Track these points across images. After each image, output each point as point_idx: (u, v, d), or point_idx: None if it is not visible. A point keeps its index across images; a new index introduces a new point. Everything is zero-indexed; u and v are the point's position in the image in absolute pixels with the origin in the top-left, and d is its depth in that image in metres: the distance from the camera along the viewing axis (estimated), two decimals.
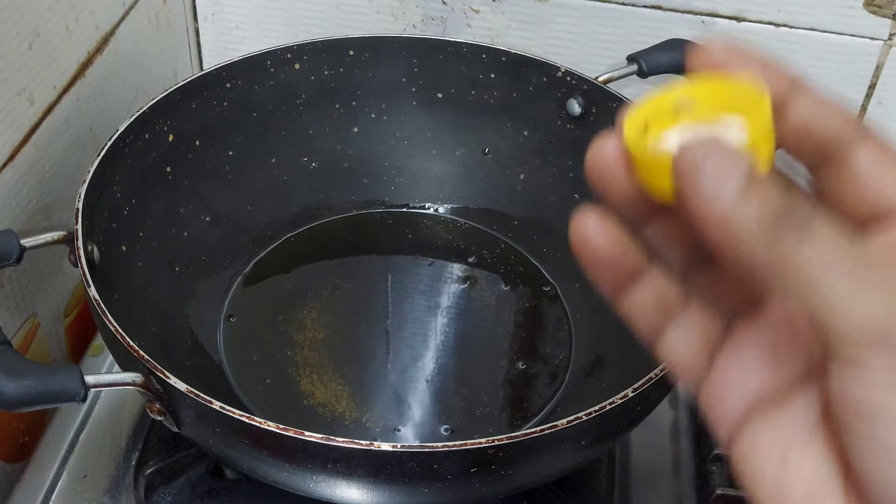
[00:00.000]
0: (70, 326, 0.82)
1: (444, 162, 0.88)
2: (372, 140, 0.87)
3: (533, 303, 0.81)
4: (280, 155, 0.84)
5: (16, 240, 0.61)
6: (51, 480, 0.72)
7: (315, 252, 0.84)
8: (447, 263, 0.84)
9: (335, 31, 0.90)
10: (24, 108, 0.70)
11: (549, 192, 0.84)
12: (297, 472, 0.56)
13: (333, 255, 0.84)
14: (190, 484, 0.70)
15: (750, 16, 0.84)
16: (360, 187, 0.88)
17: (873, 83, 0.86)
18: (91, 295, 0.59)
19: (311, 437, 0.52)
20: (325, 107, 0.84)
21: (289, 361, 0.75)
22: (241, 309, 0.79)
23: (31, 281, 0.75)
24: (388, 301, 0.80)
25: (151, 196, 0.74)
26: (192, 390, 0.54)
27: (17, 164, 0.70)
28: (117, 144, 0.69)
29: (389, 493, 0.57)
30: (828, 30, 0.84)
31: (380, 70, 0.84)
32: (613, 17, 0.86)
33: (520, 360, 0.77)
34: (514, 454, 0.54)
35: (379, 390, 0.73)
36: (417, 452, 0.53)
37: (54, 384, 0.52)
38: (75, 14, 0.75)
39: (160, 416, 0.57)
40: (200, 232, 0.79)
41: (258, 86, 0.81)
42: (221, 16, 0.93)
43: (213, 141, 0.79)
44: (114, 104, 0.82)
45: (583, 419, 0.54)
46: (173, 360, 0.70)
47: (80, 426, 0.76)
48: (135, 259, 0.72)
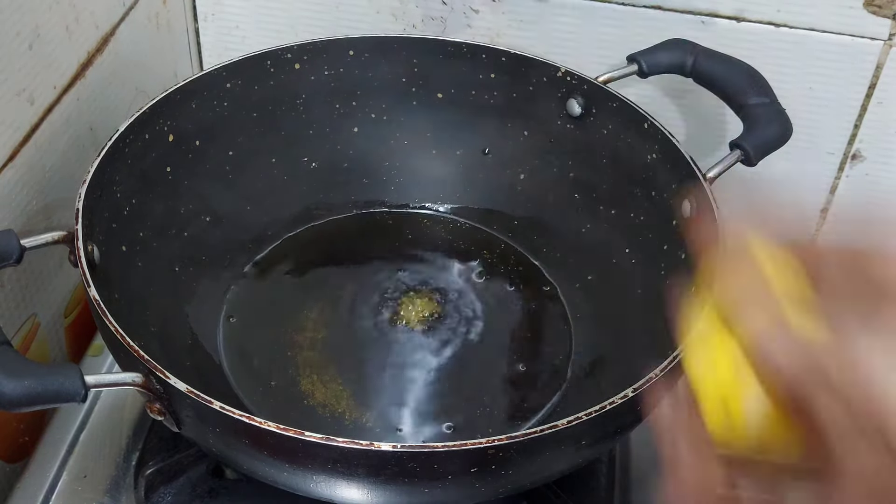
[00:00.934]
0: (70, 326, 0.82)
1: (444, 162, 0.88)
2: (372, 140, 0.87)
3: (533, 303, 0.81)
4: (280, 155, 0.84)
5: (16, 240, 0.61)
6: (51, 480, 0.72)
7: (315, 252, 0.84)
8: (447, 263, 0.84)
9: (335, 31, 0.89)
10: (24, 108, 0.70)
11: (549, 192, 0.84)
12: (298, 473, 0.56)
13: (333, 255, 0.84)
14: (190, 484, 0.70)
15: (750, 16, 0.84)
16: (360, 187, 0.88)
17: (873, 83, 0.86)
18: (91, 295, 0.59)
19: (311, 437, 0.52)
20: (326, 107, 0.84)
21: (289, 361, 0.75)
22: (241, 309, 0.79)
23: (31, 281, 0.75)
24: (388, 301, 0.80)
25: (151, 196, 0.74)
26: (192, 390, 0.54)
27: (17, 164, 0.70)
28: (117, 144, 0.69)
29: (389, 493, 0.57)
30: (828, 30, 0.83)
31: (380, 70, 0.84)
32: (613, 17, 0.86)
33: (520, 360, 0.77)
34: (514, 454, 0.54)
35: (379, 390, 0.73)
36: (417, 452, 0.53)
37: (54, 384, 0.52)
38: (75, 14, 0.75)
39: (160, 417, 0.57)
40: (200, 232, 0.79)
41: (258, 86, 0.80)
42: (221, 16, 0.93)
43: (213, 141, 0.79)
44: (114, 104, 0.82)
45: (583, 419, 0.55)
46: (173, 360, 0.70)
47: (80, 426, 0.76)
48: (135, 259, 0.72)
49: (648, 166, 0.76)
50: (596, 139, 0.80)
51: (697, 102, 0.89)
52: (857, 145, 0.90)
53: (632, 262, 0.78)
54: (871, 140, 0.89)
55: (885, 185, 0.92)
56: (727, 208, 0.68)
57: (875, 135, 0.89)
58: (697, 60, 0.78)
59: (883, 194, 0.93)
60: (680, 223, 0.73)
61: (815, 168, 0.92)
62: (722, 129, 0.90)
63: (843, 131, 0.89)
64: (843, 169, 0.92)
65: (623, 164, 0.78)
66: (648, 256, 0.77)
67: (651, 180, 0.76)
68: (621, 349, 0.76)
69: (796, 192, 0.94)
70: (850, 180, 0.93)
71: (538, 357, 0.77)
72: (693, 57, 0.78)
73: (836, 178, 0.93)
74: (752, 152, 0.73)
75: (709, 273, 0.34)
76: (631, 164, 0.78)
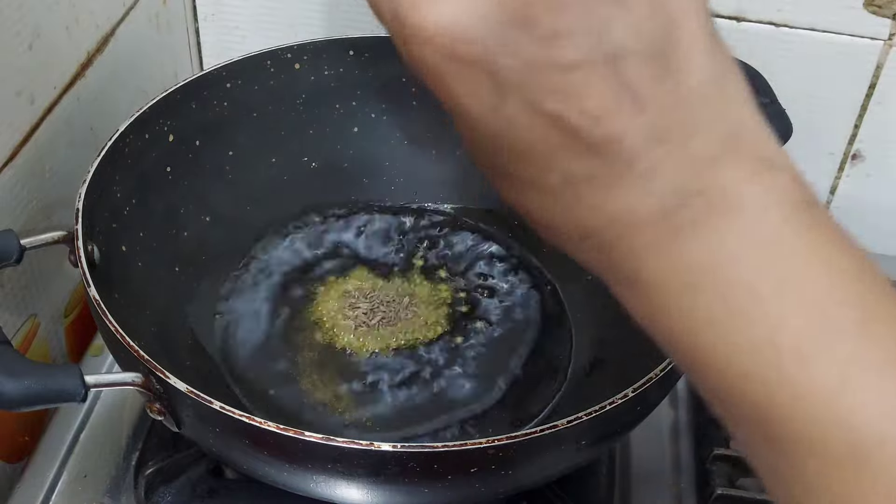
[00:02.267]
0: (70, 326, 0.82)
1: (444, 162, 0.88)
2: (372, 140, 0.86)
3: (533, 303, 0.81)
4: (280, 155, 0.84)
5: (16, 240, 0.61)
6: (51, 480, 0.72)
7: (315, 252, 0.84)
8: (447, 264, 0.84)
9: (335, 30, 0.89)
10: (24, 108, 0.70)
11: None
12: (297, 473, 0.56)
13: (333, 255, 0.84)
14: (190, 484, 0.70)
15: (750, 16, 0.84)
16: (361, 187, 0.88)
17: (873, 83, 0.86)
18: (91, 295, 0.59)
19: (311, 437, 0.52)
20: (326, 107, 0.84)
21: (289, 361, 0.75)
22: (241, 309, 0.79)
23: (31, 281, 0.75)
24: (388, 301, 0.80)
25: (151, 196, 0.74)
26: (192, 390, 0.54)
27: (17, 165, 0.70)
28: (117, 144, 0.69)
29: (389, 494, 0.57)
30: (828, 30, 0.84)
31: (380, 70, 0.84)
32: None
33: (520, 361, 0.76)
34: (514, 454, 0.54)
35: (379, 390, 0.73)
36: (417, 452, 0.53)
37: (54, 384, 0.52)
38: (75, 14, 0.75)
39: (160, 416, 0.57)
40: (200, 232, 0.79)
41: (258, 86, 0.80)
42: (221, 16, 0.93)
43: (213, 141, 0.79)
44: (114, 104, 0.82)
45: (583, 419, 0.54)
46: (173, 360, 0.70)
47: (80, 426, 0.76)
48: (135, 259, 0.72)
49: None
50: None
51: None
52: (857, 145, 0.90)
53: None
54: (871, 140, 0.89)
55: (885, 185, 0.92)
56: None
57: (875, 135, 0.89)
58: None
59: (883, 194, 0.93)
60: None
61: (815, 168, 0.92)
62: None
63: (843, 131, 0.89)
64: (843, 169, 0.92)
65: None
66: None
67: None
68: (621, 349, 0.75)
69: None
70: (850, 180, 0.93)
71: (538, 357, 0.77)
72: None
73: (836, 178, 0.93)
74: None
75: None
76: None
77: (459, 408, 0.72)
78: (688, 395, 0.81)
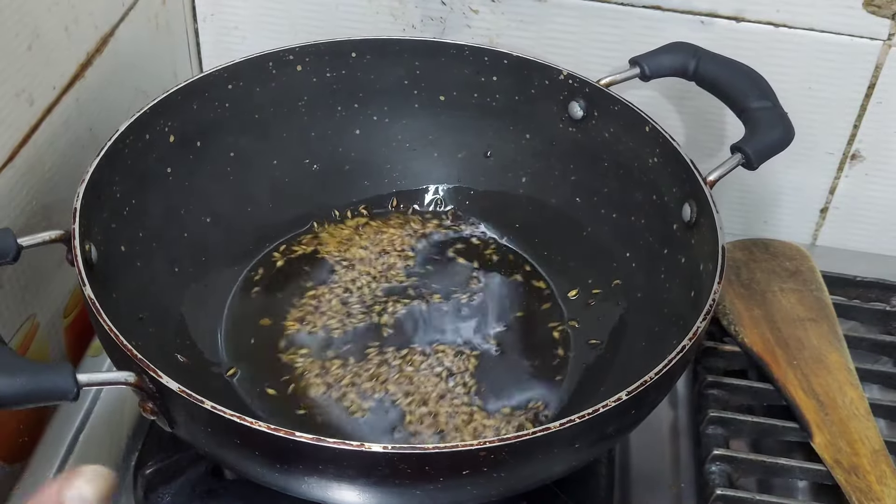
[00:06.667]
0: (70, 327, 0.82)
1: (446, 164, 0.88)
2: (374, 142, 0.87)
3: (533, 304, 0.81)
4: (281, 156, 0.84)
5: (12, 238, 0.61)
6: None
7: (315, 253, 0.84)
8: (447, 265, 0.84)
9: (335, 31, 0.90)
10: (24, 108, 0.71)
11: (550, 194, 0.84)
12: (289, 473, 0.56)
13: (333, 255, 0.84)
14: (189, 484, 0.70)
15: (749, 16, 0.84)
16: (362, 189, 0.88)
17: (873, 83, 0.85)
18: (87, 294, 0.59)
19: (302, 437, 0.52)
20: (327, 109, 0.84)
21: (288, 361, 0.75)
22: (241, 309, 0.79)
23: (30, 281, 0.75)
24: (388, 302, 0.80)
25: (151, 196, 0.74)
26: (183, 390, 0.54)
27: (16, 165, 0.71)
28: (117, 145, 0.69)
29: (381, 495, 0.57)
30: (827, 30, 0.83)
31: (382, 72, 0.84)
32: (612, 17, 0.86)
33: (519, 361, 0.77)
34: (506, 456, 0.54)
35: (377, 390, 0.73)
36: (408, 454, 0.53)
37: (46, 382, 0.52)
38: (74, 15, 0.75)
39: (153, 416, 0.57)
40: (200, 232, 0.79)
41: (260, 87, 0.80)
42: (221, 16, 0.93)
43: (214, 142, 0.79)
44: (114, 105, 0.82)
45: (575, 421, 0.54)
46: (171, 360, 0.70)
47: (80, 426, 0.76)
48: (134, 259, 0.72)
49: (649, 169, 0.76)
50: (597, 142, 0.80)
51: (698, 105, 0.89)
52: (857, 145, 0.90)
53: (632, 265, 0.78)
54: (870, 140, 0.89)
55: (884, 184, 0.92)
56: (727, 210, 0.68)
57: (875, 135, 0.89)
58: (700, 64, 0.78)
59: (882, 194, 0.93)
60: (680, 227, 0.73)
61: (815, 168, 0.92)
62: (722, 132, 0.90)
63: (843, 131, 0.89)
64: (842, 169, 0.92)
65: (624, 167, 0.78)
66: (648, 260, 0.77)
67: (652, 183, 0.76)
68: (620, 351, 0.76)
69: (796, 192, 0.94)
70: (849, 180, 0.92)
71: (538, 358, 0.77)
72: (695, 60, 0.78)
73: (836, 178, 0.92)
74: (752, 156, 0.73)
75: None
76: (632, 167, 0.78)
77: (457, 408, 0.72)
78: (687, 395, 0.81)
